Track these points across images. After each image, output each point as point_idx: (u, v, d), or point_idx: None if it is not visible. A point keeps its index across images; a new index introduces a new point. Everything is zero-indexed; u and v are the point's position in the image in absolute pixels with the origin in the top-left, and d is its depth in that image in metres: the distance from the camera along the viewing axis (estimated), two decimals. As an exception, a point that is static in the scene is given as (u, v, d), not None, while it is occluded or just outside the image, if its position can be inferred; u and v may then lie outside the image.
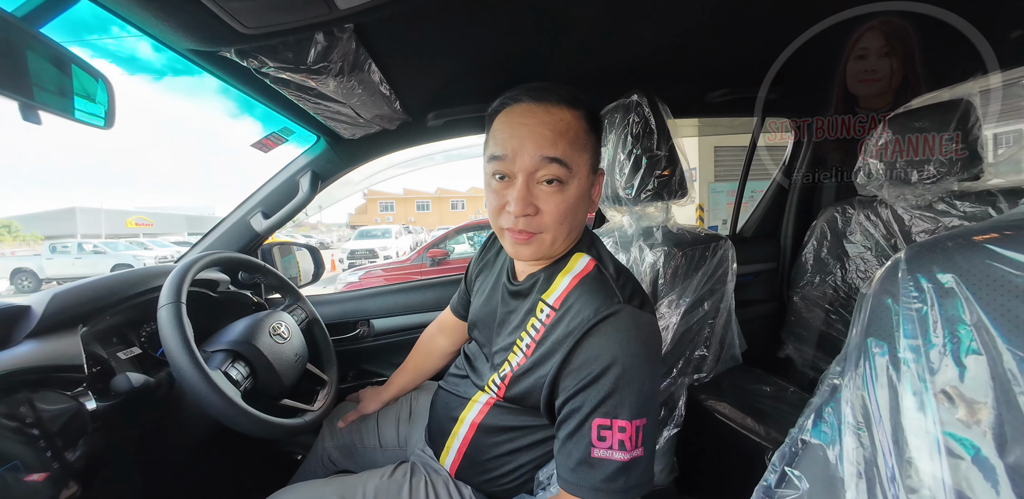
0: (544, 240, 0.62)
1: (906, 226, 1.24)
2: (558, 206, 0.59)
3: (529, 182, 0.59)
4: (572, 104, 0.60)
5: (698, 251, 0.89)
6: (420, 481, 0.71)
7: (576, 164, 0.59)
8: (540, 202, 0.60)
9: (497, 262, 0.82)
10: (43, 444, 0.55)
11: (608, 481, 0.52)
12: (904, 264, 0.32)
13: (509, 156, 0.59)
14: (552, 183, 0.59)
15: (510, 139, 0.60)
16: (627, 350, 0.55)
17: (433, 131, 1.22)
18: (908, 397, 0.29)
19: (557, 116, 0.59)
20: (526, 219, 0.60)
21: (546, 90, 0.61)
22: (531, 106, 0.60)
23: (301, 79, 0.73)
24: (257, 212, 1.18)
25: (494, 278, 0.79)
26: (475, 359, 0.78)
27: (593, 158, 0.63)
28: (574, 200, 0.60)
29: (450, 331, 1.00)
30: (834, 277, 1.38)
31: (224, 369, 0.73)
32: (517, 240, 0.62)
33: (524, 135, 0.59)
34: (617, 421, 0.53)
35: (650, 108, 0.88)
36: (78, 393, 0.60)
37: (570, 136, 0.59)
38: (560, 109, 0.59)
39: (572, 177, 0.59)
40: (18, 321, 0.65)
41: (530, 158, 0.58)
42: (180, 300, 0.70)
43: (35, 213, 26.15)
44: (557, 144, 0.58)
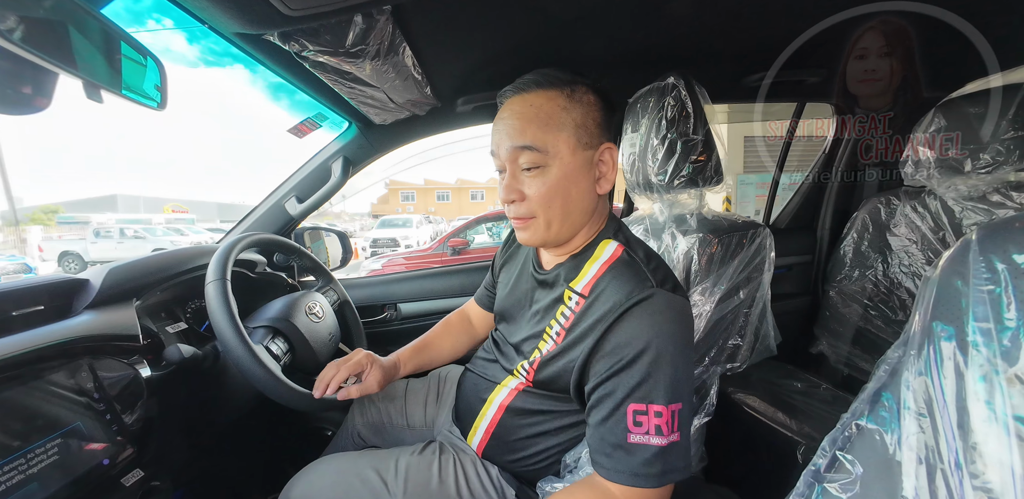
0: (539, 223, 0.64)
1: (956, 218, 1.17)
2: (539, 189, 0.62)
3: (515, 171, 0.63)
4: (545, 85, 0.62)
5: (735, 238, 0.86)
6: (449, 459, 0.73)
7: (551, 145, 0.60)
8: (524, 187, 0.63)
9: (520, 254, 0.83)
10: (103, 407, 0.59)
11: (646, 465, 0.52)
12: (976, 245, 0.30)
13: (495, 151, 0.65)
14: (531, 169, 0.62)
15: (494, 136, 0.65)
16: (661, 334, 0.54)
17: (462, 117, 1.22)
18: (976, 381, 0.28)
19: (527, 102, 0.62)
20: (515, 206, 0.64)
21: (527, 79, 0.63)
22: (512, 99, 0.64)
23: (338, 62, 0.74)
24: (291, 197, 1.22)
25: (518, 269, 0.80)
26: (503, 345, 0.79)
27: (577, 133, 0.62)
28: (557, 181, 0.61)
29: (481, 321, 1.00)
30: (874, 271, 1.33)
31: (265, 344, 0.76)
32: (516, 226, 0.67)
33: (500, 130, 0.64)
34: (653, 406, 0.53)
35: (687, 90, 0.85)
36: (134, 361, 0.64)
37: (540, 119, 0.60)
38: (533, 94, 0.62)
39: (551, 159, 0.61)
40: (78, 293, 0.70)
41: (505, 150, 0.62)
42: (226, 277, 0.73)
43: (79, 199, 27.64)
44: (525, 131, 0.60)
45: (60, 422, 0.55)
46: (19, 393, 0.52)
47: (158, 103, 0.60)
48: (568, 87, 0.62)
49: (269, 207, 1.23)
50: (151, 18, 0.81)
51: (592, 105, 0.63)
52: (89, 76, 0.49)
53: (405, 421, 0.94)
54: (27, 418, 0.52)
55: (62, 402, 0.56)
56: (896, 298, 1.28)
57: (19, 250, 12.15)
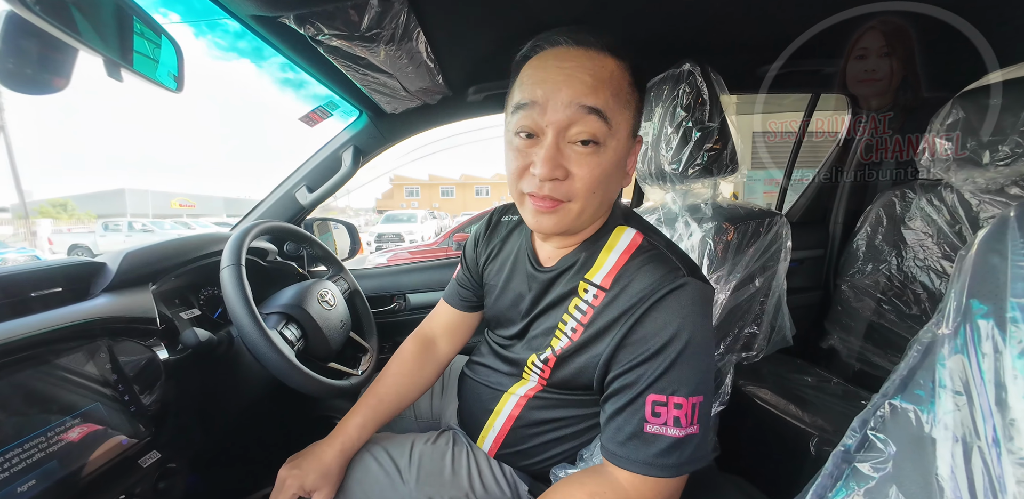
0: (571, 210, 0.54)
1: (973, 212, 1.16)
2: (592, 171, 0.51)
3: (559, 140, 0.51)
4: (618, 53, 0.52)
5: (751, 226, 0.85)
6: (462, 450, 0.71)
7: (617, 121, 0.51)
8: (572, 165, 0.51)
9: (507, 251, 0.73)
10: (121, 388, 0.59)
11: (660, 456, 0.50)
12: (1015, 222, 0.30)
13: (540, 104, 0.50)
14: (588, 144, 0.50)
15: (542, 83, 0.51)
16: (691, 325, 0.52)
17: (472, 107, 1.21)
18: (1015, 358, 0.27)
19: (600, 62, 0.51)
20: (553, 184, 0.52)
21: (589, 33, 0.52)
22: (570, 49, 0.51)
23: (352, 47, 0.74)
24: (302, 186, 1.22)
25: (509, 268, 0.71)
26: (506, 346, 0.72)
27: (635, 118, 0.55)
28: (611, 165, 0.52)
29: (456, 330, 0.85)
30: (888, 265, 1.31)
31: (279, 329, 0.77)
32: (540, 208, 0.54)
33: (560, 80, 0.50)
34: (674, 398, 0.50)
35: (703, 77, 0.84)
36: (152, 343, 0.65)
37: (613, 86, 0.51)
38: (604, 56, 0.51)
39: (611, 137, 0.51)
40: (96, 276, 0.70)
41: (564, 107, 0.49)
42: (240, 262, 0.73)
43: (88, 193, 27.90)
44: (599, 92, 0.49)
45: (79, 402, 0.56)
46: (39, 373, 0.53)
47: (176, 86, 0.60)
48: (632, 63, 0.53)
49: (280, 196, 1.23)
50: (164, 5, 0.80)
51: (641, 92, 0.57)
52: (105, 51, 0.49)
53: (412, 412, 0.92)
54: (47, 398, 0.53)
55: (81, 382, 0.57)
56: (911, 292, 1.26)
57: (29, 243, 12.32)
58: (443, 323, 0.85)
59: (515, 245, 0.72)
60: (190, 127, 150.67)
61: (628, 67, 0.53)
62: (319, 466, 0.64)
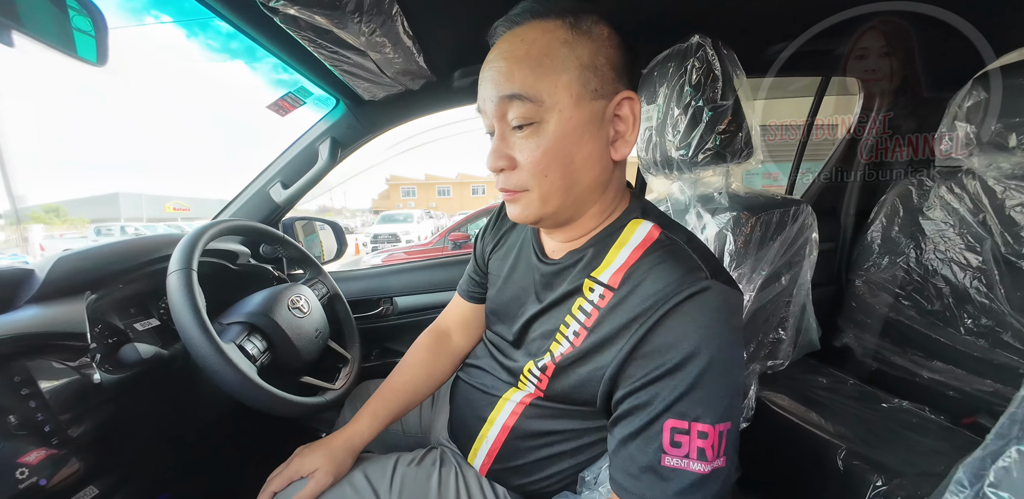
0: (532, 198, 0.51)
1: (998, 199, 1.08)
2: (533, 153, 0.49)
3: (504, 131, 0.50)
4: (541, 14, 0.48)
5: (775, 216, 0.74)
6: (450, 472, 0.64)
7: (547, 93, 0.47)
8: (515, 151, 0.50)
9: (514, 238, 0.70)
10: (40, 418, 0.50)
11: (681, 495, 0.42)
12: None
13: (481, 107, 0.52)
14: (523, 128, 0.48)
15: (480, 87, 0.51)
16: (716, 337, 0.44)
17: (459, 93, 1.12)
18: None
19: (519, 37, 0.48)
20: (504, 175, 0.52)
21: (521, 6, 0.49)
22: (504, 36, 0.50)
23: (312, 16, 0.64)
24: (276, 182, 1.13)
25: (513, 258, 0.68)
26: (503, 349, 0.66)
27: (583, 77, 0.47)
28: (555, 141, 0.48)
29: (469, 323, 0.81)
30: (906, 258, 1.23)
31: (239, 342, 0.67)
32: (505, 198, 0.55)
33: (486, 77, 0.50)
34: (697, 424, 0.42)
35: (714, 50, 0.74)
36: (82, 364, 0.55)
37: (532, 58, 0.47)
38: (527, 28, 0.48)
39: (546, 111, 0.47)
40: (21, 285, 0.61)
41: (492, 103, 0.49)
42: (191, 267, 0.64)
43: (81, 198, 27.62)
44: (513, 75, 0.47)
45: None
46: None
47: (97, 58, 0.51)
48: (571, 15, 0.47)
49: (252, 194, 1.13)
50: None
51: (605, 40, 0.48)
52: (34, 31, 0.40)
53: (400, 426, 0.86)
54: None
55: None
56: (932, 287, 1.18)
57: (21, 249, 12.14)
58: (456, 316, 0.82)
59: (521, 235, 0.69)
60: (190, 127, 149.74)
61: (558, 24, 0.48)
62: (326, 451, 0.64)
